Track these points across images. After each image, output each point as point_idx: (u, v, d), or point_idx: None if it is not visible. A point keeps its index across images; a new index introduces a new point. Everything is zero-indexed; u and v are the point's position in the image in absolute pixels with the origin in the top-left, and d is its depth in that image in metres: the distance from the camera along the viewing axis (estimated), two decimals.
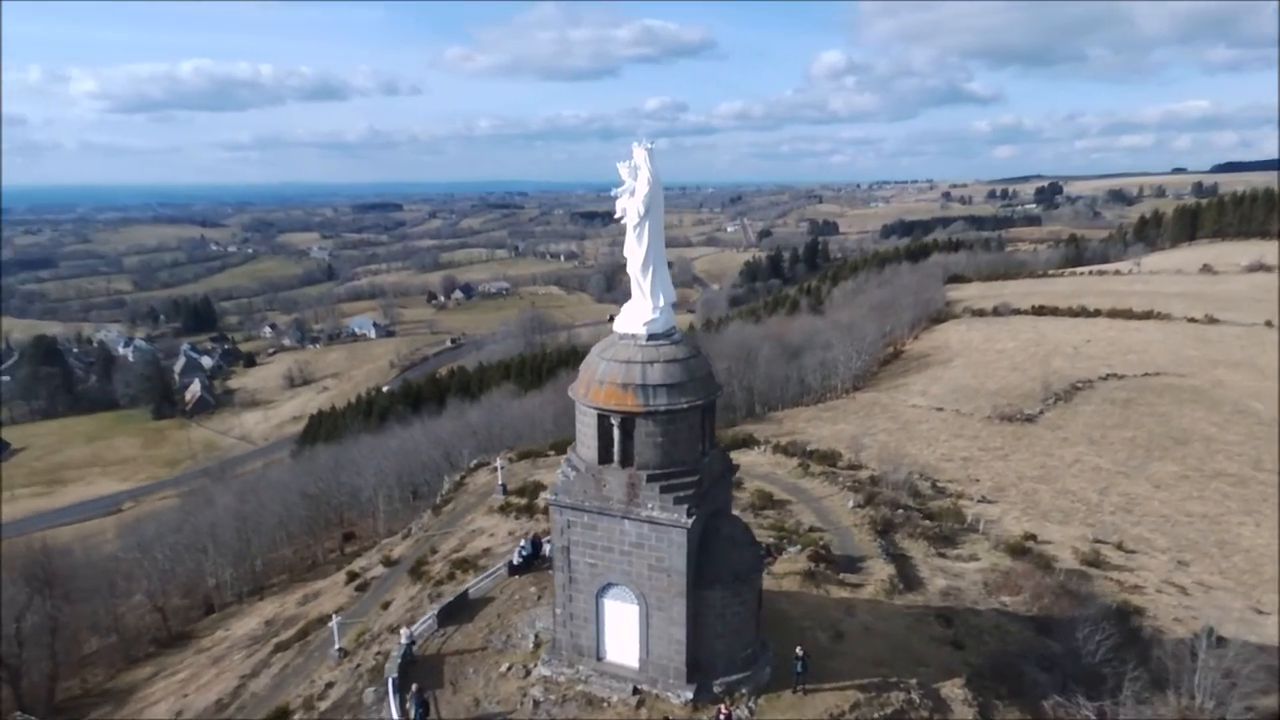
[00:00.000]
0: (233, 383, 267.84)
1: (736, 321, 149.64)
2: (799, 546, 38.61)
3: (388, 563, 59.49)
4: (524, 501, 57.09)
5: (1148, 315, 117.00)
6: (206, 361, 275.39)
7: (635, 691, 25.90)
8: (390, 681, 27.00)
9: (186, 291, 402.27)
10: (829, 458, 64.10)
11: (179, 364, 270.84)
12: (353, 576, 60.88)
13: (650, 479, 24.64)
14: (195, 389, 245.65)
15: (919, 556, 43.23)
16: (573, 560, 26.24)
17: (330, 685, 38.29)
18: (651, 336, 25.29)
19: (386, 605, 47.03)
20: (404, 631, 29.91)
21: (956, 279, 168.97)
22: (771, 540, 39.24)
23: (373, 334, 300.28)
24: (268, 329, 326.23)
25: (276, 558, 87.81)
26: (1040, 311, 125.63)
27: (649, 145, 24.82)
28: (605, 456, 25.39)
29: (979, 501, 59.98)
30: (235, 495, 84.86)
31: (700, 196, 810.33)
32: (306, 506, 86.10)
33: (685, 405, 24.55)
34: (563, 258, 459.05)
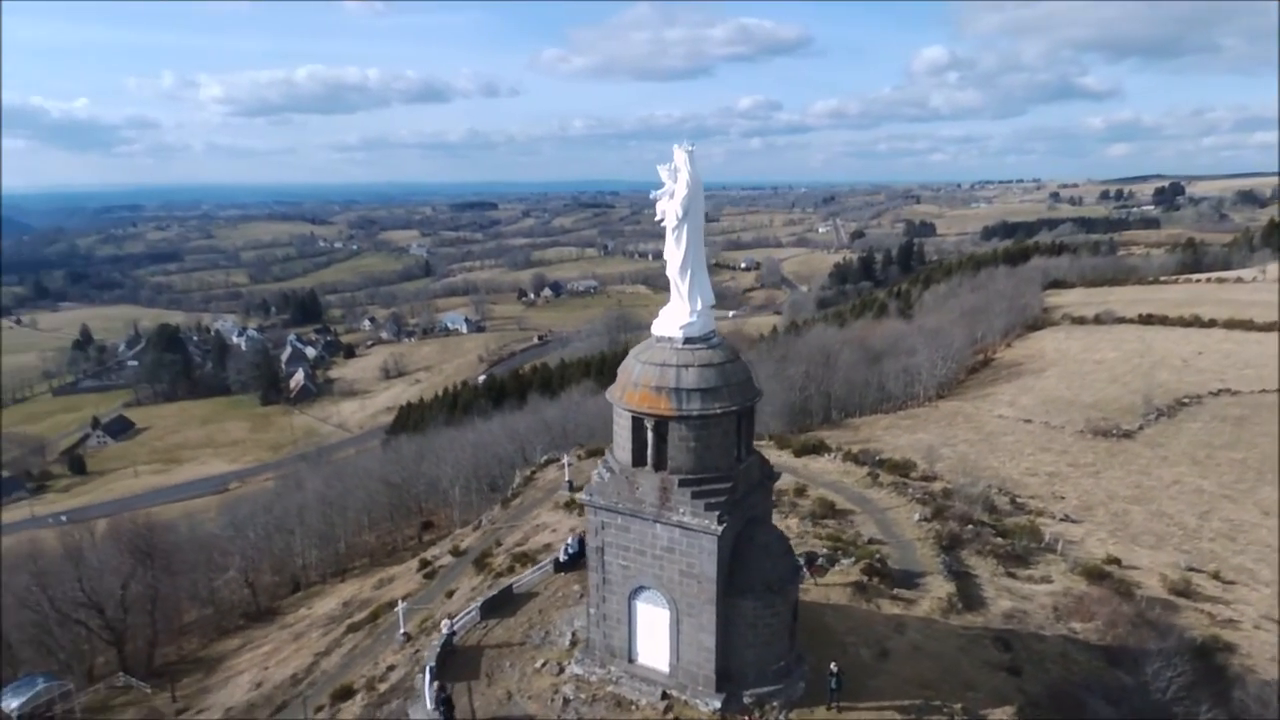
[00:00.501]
0: (333, 372, 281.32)
1: (819, 325, 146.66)
2: (852, 558, 37.51)
3: (456, 553, 61.25)
4: None
5: (1271, 327, 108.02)
6: (310, 352, 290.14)
7: (664, 696, 25.78)
8: (427, 670, 27.79)
9: (295, 285, 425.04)
10: (901, 468, 62.09)
11: (285, 353, 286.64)
12: (424, 564, 62.99)
13: (682, 484, 24.48)
14: (299, 378, 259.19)
15: (985, 575, 41.30)
16: (606, 561, 26.36)
17: (392, 668, 39.75)
18: (688, 340, 25.11)
19: (451, 594, 48.40)
20: (445, 623, 30.74)
21: (1057, 284, 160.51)
22: (824, 551, 38.30)
23: (464, 329, 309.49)
24: (367, 322, 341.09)
25: (360, 542, 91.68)
26: (1148, 320, 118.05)
27: (689, 148, 24.66)
28: (639, 459, 25.39)
29: (1061, 520, 56.89)
30: (323, 480, 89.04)
31: (792, 196, 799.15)
32: (389, 494, 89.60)
33: (719, 410, 24.26)
34: (651, 257, 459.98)
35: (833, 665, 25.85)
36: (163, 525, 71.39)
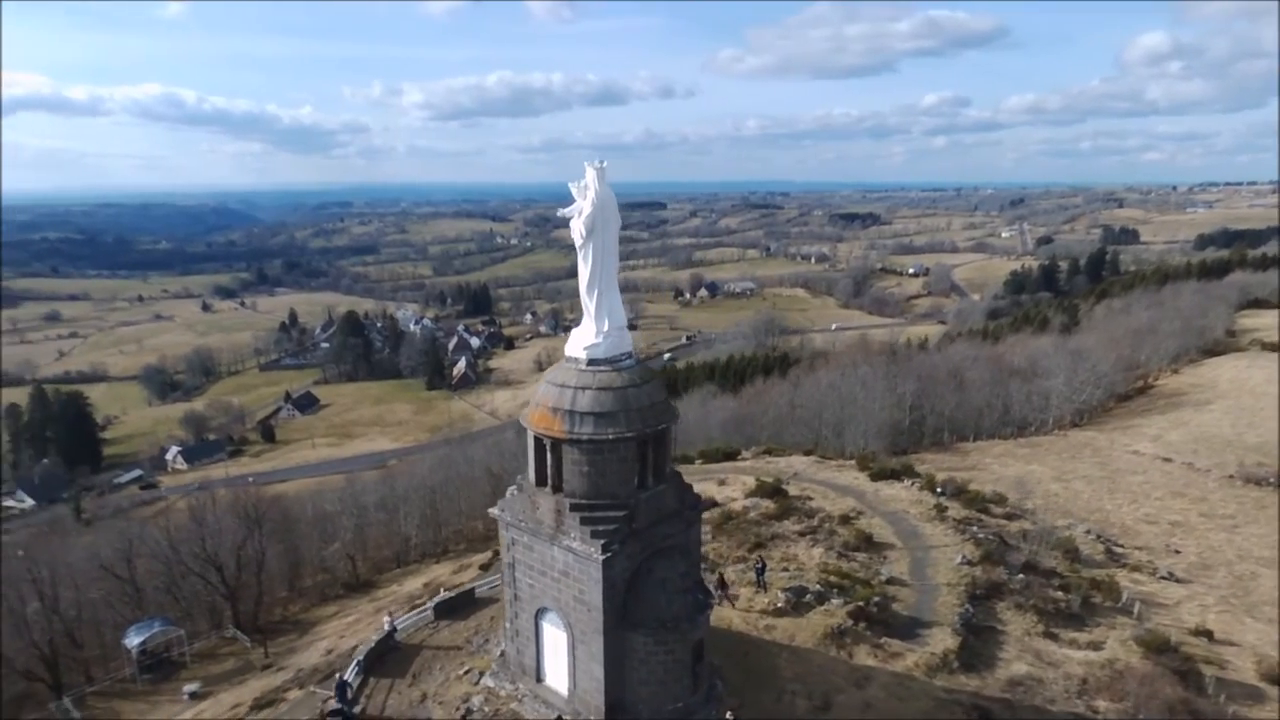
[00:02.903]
0: (493, 362, 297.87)
1: (963, 338, 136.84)
2: (843, 599, 34.84)
3: None
4: None
5: None
6: (474, 342, 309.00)
7: None
8: (356, 663, 28.98)
9: (472, 279, 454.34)
10: (982, 501, 56.75)
11: (453, 342, 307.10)
12: (496, 555, 65.41)
13: (574, 508, 23.98)
14: (461, 366, 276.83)
15: (1015, 633, 36.93)
16: (517, 577, 26.33)
17: None
18: (592, 361, 24.51)
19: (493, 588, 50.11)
20: (386, 619, 31.89)
21: (1257, 303, 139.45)
22: (817, 587, 35.87)
23: None
24: (529, 316, 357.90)
25: (469, 527, 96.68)
26: None
27: (599, 165, 24.05)
28: (540, 479, 25.16)
29: (1160, 579, 49.65)
30: (428, 466, 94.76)
31: (976, 198, 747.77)
32: (490, 483, 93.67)
33: (611, 436, 23.49)
34: (813, 260, 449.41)
35: (729, 714, 24.29)
36: (273, 498, 78.94)
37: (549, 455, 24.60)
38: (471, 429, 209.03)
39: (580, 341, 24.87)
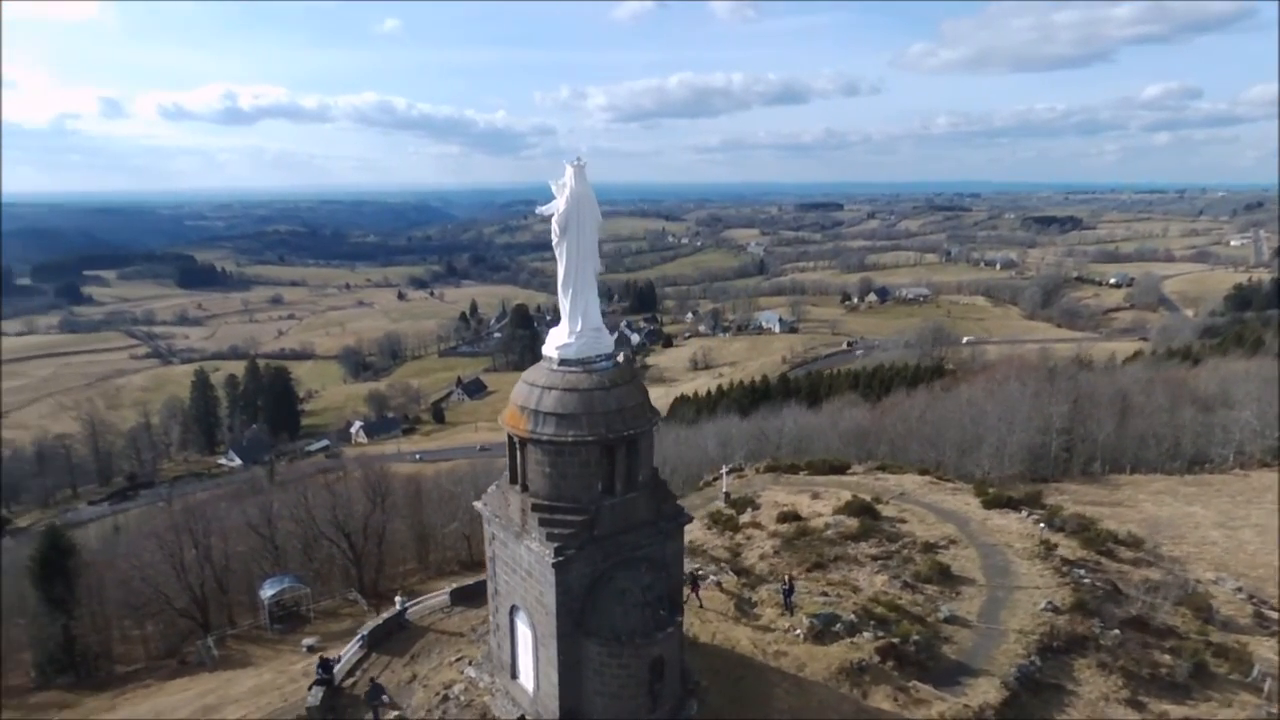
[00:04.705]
0: (650, 359, 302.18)
1: (1141, 359, 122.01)
2: (875, 633, 31.93)
3: None
4: (732, 512, 56.33)
5: None
6: (634, 338, 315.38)
7: None
8: (360, 637, 30.32)
9: (640, 276, 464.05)
10: (1108, 541, 50.11)
11: (614, 338, 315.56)
12: None
13: (535, 508, 23.72)
14: None
15: (1088, 696, 32.20)
16: (496, 572, 26.47)
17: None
18: (563, 361, 24.09)
19: None
20: (398, 599, 33.04)
21: None
22: (852, 617, 33.16)
23: (776, 329, 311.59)
24: (690, 315, 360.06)
25: None
26: None
27: (577, 163, 23.57)
28: (513, 477, 25.09)
29: None
30: None
31: (1203, 201, 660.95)
32: None
33: (571, 438, 22.97)
34: (998, 266, 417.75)
35: None
36: (407, 477, 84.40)
37: (518, 453, 24.53)
38: None
39: (553, 341, 24.59)
